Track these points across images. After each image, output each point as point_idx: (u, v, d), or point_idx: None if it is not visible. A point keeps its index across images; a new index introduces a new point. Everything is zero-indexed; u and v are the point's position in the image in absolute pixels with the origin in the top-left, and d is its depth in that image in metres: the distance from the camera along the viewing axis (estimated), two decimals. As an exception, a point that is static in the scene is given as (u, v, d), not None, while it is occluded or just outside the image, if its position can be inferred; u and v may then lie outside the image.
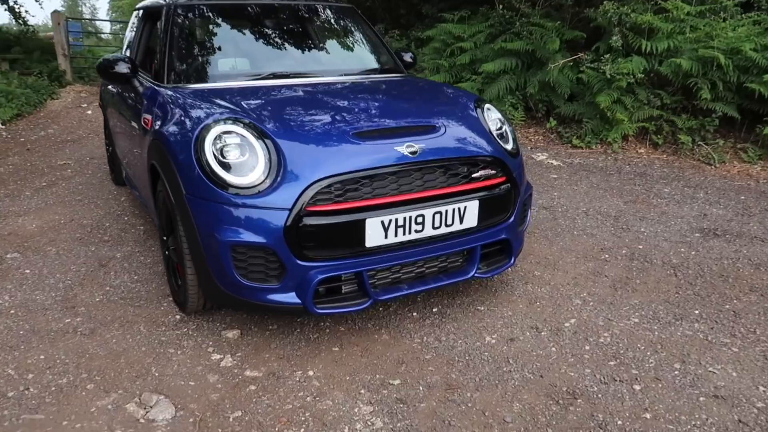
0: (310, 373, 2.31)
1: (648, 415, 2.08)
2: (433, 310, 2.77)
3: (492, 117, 2.89)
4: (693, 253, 3.48)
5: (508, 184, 2.65)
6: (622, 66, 5.97)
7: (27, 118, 8.02)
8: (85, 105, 9.05)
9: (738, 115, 5.70)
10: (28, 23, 12.10)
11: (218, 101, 2.64)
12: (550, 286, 3.04)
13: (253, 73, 3.05)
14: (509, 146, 2.82)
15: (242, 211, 2.22)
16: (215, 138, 2.30)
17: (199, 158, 2.28)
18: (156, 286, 3.00)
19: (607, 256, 3.44)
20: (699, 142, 5.83)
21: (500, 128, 2.87)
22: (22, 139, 6.77)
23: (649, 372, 2.33)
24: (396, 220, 2.32)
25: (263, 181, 2.24)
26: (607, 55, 6.21)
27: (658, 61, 6.06)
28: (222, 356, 2.42)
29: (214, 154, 2.27)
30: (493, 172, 2.59)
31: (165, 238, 2.75)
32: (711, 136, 5.85)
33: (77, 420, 2.02)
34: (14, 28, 13.54)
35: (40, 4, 12.53)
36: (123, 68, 3.11)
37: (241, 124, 2.35)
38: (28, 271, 3.19)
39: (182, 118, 2.54)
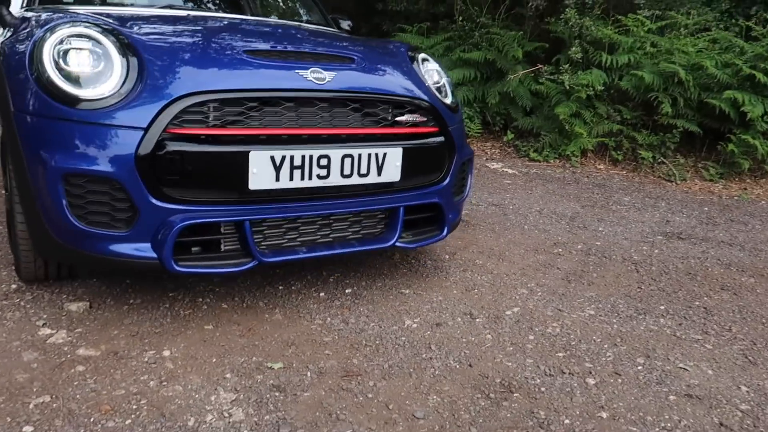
0: (166, 353, 1.73)
1: (604, 414, 1.57)
2: (347, 291, 2.24)
3: (429, 68, 2.43)
4: (656, 251, 3.05)
5: (442, 138, 2.17)
6: (582, 78, 5.71)
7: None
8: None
9: (699, 131, 5.45)
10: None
11: (81, 14, 2.11)
12: (492, 275, 2.54)
13: (146, 4, 2.54)
14: (448, 100, 2.36)
15: (81, 130, 1.67)
16: (59, 41, 1.76)
17: (32, 62, 1.73)
18: (3, 254, 2.39)
19: (560, 250, 2.98)
20: (660, 159, 5.54)
21: (438, 81, 2.42)
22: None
23: (607, 366, 1.83)
24: (292, 158, 1.80)
25: (115, 93, 1.70)
26: (566, 66, 5.94)
27: (619, 76, 5.83)
28: (54, 331, 1.82)
29: (54, 58, 1.73)
30: (423, 119, 2.12)
31: (5, 192, 2.16)
32: (672, 154, 5.58)
33: None
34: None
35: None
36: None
37: (98, 29, 1.81)
38: None
39: (31, 29, 2.00)
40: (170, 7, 2.52)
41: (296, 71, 1.89)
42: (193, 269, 1.75)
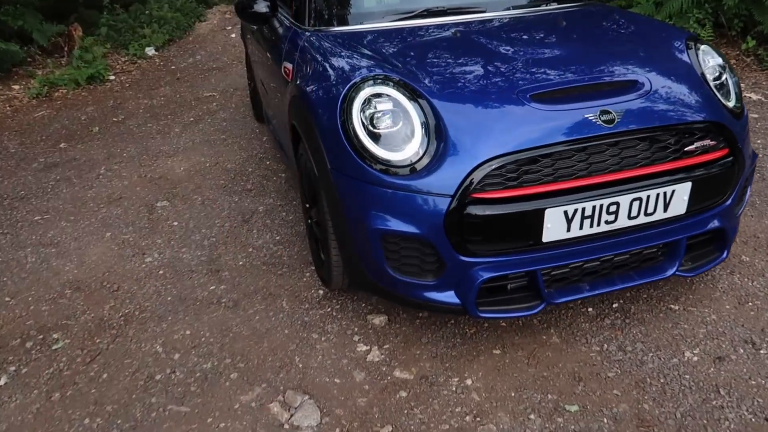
0: (468, 382, 2.00)
1: None
2: (613, 305, 2.31)
3: (709, 63, 2.23)
4: None
5: (731, 158, 2.03)
6: None
7: (177, 43, 8.19)
8: (230, 27, 9.07)
9: None
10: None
11: (364, 50, 2.25)
12: (764, 279, 2.42)
13: (404, 10, 2.59)
14: (731, 103, 2.17)
15: (395, 195, 1.87)
16: (364, 103, 1.93)
17: (346, 127, 1.94)
18: (298, 250, 2.81)
19: (841, 237, 2.69)
20: None
21: (719, 78, 2.21)
22: (173, 67, 6.91)
23: None
24: (583, 209, 1.85)
25: (421, 157, 1.86)
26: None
27: None
28: (368, 348, 2.18)
29: (363, 123, 1.92)
30: (713, 143, 1.99)
31: (307, 205, 2.50)
32: None
33: (221, 418, 1.90)
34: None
35: None
36: (262, 7, 2.79)
37: (392, 83, 1.95)
38: (176, 223, 3.16)
39: (326, 72, 2.19)
40: (427, 12, 2.55)
41: (585, 114, 1.88)
42: (492, 314, 1.95)
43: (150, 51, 7.50)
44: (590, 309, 2.30)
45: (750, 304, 2.29)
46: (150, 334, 2.31)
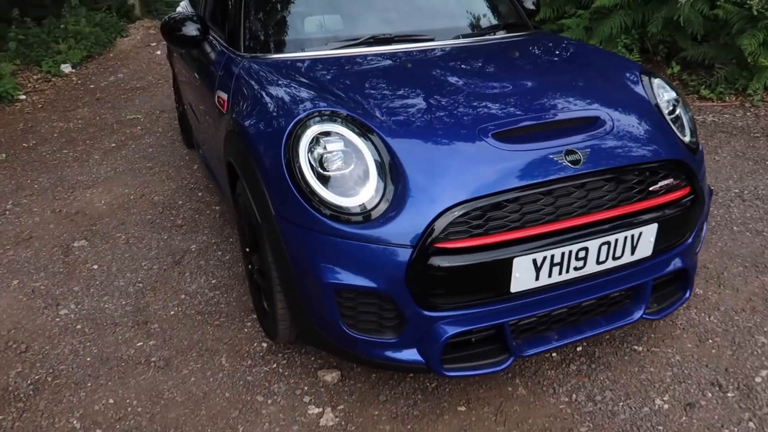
0: (434, 446, 1.82)
1: None
2: (578, 349, 2.20)
3: (664, 97, 2.19)
4: None
5: (693, 196, 1.98)
6: (776, 0, 4.90)
7: (97, 60, 7.69)
8: (155, 44, 8.64)
9: None
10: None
11: (308, 81, 2.07)
12: (719, 313, 2.39)
13: (348, 37, 2.42)
14: (687, 138, 2.13)
15: (349, 246, 1.68)
16: (311, 141, 1.75)
17: (291, 168, 1.74)
18: (237, 296, 2.56)
19: (785, 266, 2.72)
20: None
21: (673, 112, 2.17)
22: (92, 86, 6.44)
23: None
24: (552, 256, 1.72)
25: (378, 203, 1.69)
26: (755, -13, 5.10)
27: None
28: (321, 410, 1.96)
29: (311, 164, 1.73)
30: (677, 182, 1.93)
31: (248, 249, 2.27)
32: None
33: None
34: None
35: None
36: (191, 30, 2.55)
37: (340, 120, 1.78)
38: (96, 267, 2.82)
39: (266, 106, 1.99)
40: (374, 39, 2.39)
41: (550, 155, 1.76)
42: (459, 372, 1.79)
43: (66, 68, 6.98)
44: (554, 354, 2.18)
45: (710, 341, 2.24)
46: (65, 405, 2.00)
